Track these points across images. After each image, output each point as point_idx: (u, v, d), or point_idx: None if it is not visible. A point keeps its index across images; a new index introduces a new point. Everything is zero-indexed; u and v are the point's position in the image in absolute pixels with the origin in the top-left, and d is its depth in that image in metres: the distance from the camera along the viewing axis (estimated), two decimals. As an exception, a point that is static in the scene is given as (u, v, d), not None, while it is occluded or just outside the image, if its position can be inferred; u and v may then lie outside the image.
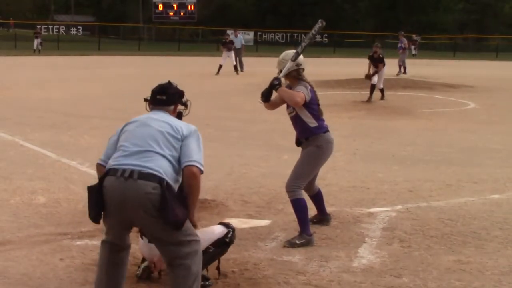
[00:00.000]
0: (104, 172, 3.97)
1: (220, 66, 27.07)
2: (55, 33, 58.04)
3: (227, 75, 26.32)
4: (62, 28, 63.03)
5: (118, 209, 3.89)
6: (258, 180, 8.20)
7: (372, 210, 6.90)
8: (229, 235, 4.84)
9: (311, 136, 5.94)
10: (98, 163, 4.18)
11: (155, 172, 3.85)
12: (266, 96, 5.95)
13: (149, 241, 4.28)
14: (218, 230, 4.85)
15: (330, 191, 7.63)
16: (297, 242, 5.71)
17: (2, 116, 13.60)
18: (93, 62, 34.33)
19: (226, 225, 4.93)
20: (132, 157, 3.92)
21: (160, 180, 3.83)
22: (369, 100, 17.36)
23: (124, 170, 3.86)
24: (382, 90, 17.84)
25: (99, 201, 3.91)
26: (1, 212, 6.63)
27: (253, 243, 5.75)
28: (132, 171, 3.85)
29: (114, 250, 4.08)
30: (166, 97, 4.27)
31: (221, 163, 9.16)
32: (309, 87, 5.88)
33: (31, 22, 63.87)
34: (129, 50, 46.87)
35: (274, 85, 5.81)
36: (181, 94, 4.38)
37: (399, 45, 28.34)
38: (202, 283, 4.65)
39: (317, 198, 6.33)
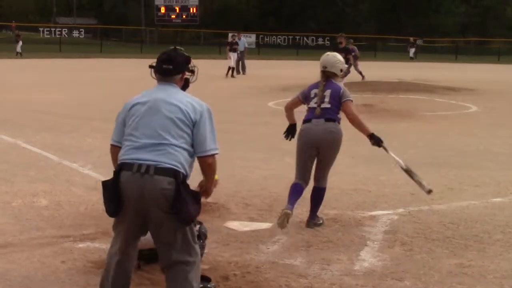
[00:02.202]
0: (118, 165, 3.92)
1: (229, 68, 27.09)
2: (57, 36, 58.15)
3: (228, 79, 26.35)
4: (65, 30, 63.15)
5: (135, 204, 3.86)
6: (259, 182, 8.20)
7: (373, 213, 6.90)
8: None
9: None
10: (111, 144, 4.11)
11: (171, 166, 3.82)
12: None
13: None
14: None
15: (332, 194, 7.63)
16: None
17: (4, 118, 13.62)
18: (95, 65, 34.37)
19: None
20: (145, 150, 3.85)
21: (175, 174, 3.81)
22: None
23: (140, 165, 3.81)
24: None
25: (116, 195, 3.87)
26: (3, 214, 6.63)
27: (254, 246, 5.75)
28: (148, 166, 3.80)
29: (122, 264, 4.06)
30: (173, 67, 4.10)
31: (222, 165, 9.10)
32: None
33: (33, 25, 63.98)
34: (131, 53, 46.87)
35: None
36: (188, 60, 4.21)
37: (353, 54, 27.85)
38: (202, 285, 4.66)
39: (312, 194, 6.49)
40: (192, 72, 4.28)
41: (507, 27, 71.10)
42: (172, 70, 4.08)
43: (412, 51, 49.56)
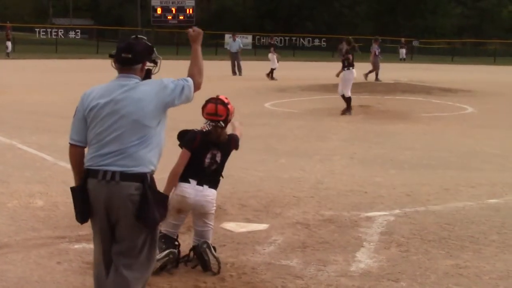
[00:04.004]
0: (85, 172, 3.83)
1: (272, 70, 27.03)
2: (53, 37, 58.00)
3: (225, 80, 26.35)
4: (61, 31, 62.96)
5: (105, 211, 3.80)
6: (255, 184, 8.19)
7: (370, 214, 6.90)
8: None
9: None
10: (71, 144, 3.93)
11: (137, 171, 3.74)
12: None
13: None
14: None
15: (328, 195, 7.64)
16: None
17: None
18: (91, 66, 34.32)
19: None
20: (110, 156, 3.75)
21: (143, 178, 3.74)
22: (346, 112, 15.58)
23: (105, 172, 3.73)
24: (349, 100, 15.62)
25: (84, 203, 3.82)
26: (-1, 215, 6.62)
27: (250, 247, 5.75)
28: (113, 173, 3.72)
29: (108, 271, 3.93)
30: (132, 56, 3.87)
31: (219, 166, 9.15)
32: None
33: (29, 26, 63.84)
34: (128, 54, 46.70)
35: None
36: (149, 50, 4.00)
37: (378, 50, 27.92)
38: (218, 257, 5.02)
39: None
40: (155, 63, 4.07)
41: (503, 29, 71.28)
42: (131, 59, 3.88)
43: (403, 52, 49.57)
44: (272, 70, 27.03)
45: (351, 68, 15.64)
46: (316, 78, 26.40)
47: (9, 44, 40.91)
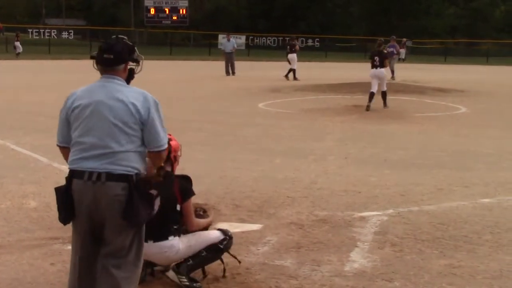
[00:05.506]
0: (69, 173, 3.84)
1: (290, 70, 26.93)
2: (46, 37, 57.84)
3: (218, 80, 26.35)
4: (54, 32, 62.81)
5: (89, 212, 3.79)
6: (250, 184, 8.19)
7: (363, 214, 6.91)
8: (224, 242, 4.86)
9: None
10: (58, 145, 4.02)
11: (122, 171, 3.74)
12: None
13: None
14: (214, 235, 4.88)
15: (322, 195, 7.64)
16: None
17: (-7, 120, 13.55)
18: (84, 66, 34.24)
19: (224, 232, 4.94)
20: (94, 160, 3.75)
21: (128, 179, 3.74)
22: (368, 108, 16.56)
23: (91, 173, 3.73)
24: (385, 94, 17.12)
25: (68, 203, 3.83)
26: (-8, 216, 6.60)
27: (245, 247, 5.75)
28: (99, 174, 3.72)
29: (85, 272, 3.90)
30: (114, 56, 3.88)
31: (213, 167, 9.15)
32: None
33: (22, 26, 63.63)
34: (121, 54, 46.59)
35: None
36: (131, 49, 3.99)
37: (392, 49, 28.12)
38: (188, 283, 4.65)
39: None
40: (137, 62, 4.05)
41: (496, 29, 71.54)
42: (113, 60, 3.88)
43: (402, 52, 49.70)
44: (293, 70, 26.89)
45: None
46: (309, 78, 26.43)
47: (18, 44, 41.17)
